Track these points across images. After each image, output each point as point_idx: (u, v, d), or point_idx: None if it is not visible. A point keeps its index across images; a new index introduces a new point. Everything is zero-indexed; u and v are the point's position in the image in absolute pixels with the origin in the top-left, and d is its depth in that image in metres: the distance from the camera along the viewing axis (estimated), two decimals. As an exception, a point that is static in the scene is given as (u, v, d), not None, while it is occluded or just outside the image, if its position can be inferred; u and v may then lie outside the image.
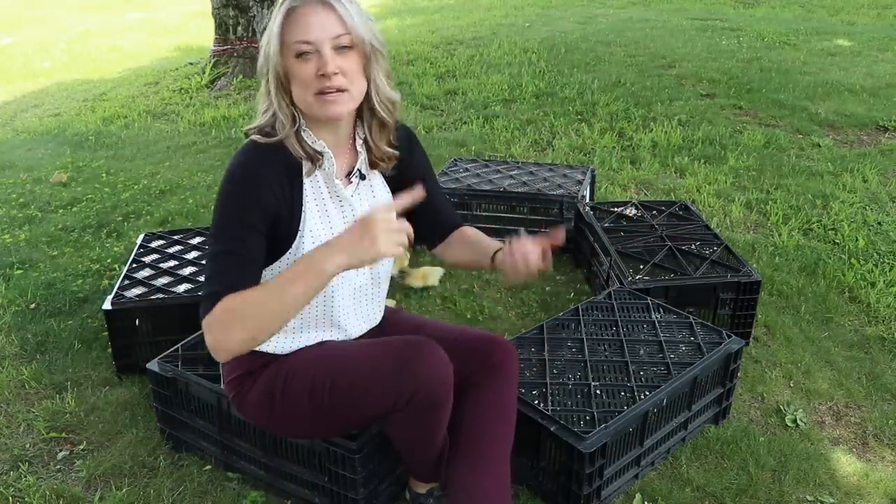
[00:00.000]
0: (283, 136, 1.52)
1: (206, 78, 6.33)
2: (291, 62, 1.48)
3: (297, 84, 1.49)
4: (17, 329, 2.73)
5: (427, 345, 1.55)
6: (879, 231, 3.44)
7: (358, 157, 1.64)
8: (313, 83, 1.47)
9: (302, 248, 1.56)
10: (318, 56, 1.47)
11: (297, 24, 1.46)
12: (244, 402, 1.70)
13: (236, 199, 1.49)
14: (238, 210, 1.48)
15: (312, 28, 1.46)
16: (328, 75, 1.46)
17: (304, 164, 1.56)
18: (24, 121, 6.06)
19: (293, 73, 1.48)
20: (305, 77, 1.47)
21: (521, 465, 1.90)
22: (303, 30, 1.46)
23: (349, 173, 1.64)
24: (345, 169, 1.64)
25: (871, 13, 9.59)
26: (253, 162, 1.52)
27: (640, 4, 10.42)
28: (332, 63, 1.46)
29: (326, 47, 1.46)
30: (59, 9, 12.94)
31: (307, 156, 1.55)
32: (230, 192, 1.50)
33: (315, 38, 1.46)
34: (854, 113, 5.14)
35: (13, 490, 1.98)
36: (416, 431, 1.65)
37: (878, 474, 2.04)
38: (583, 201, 3.18)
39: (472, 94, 5.67)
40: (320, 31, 1.46)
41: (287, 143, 1.53)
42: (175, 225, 3.56)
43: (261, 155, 1.52)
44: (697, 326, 2.23)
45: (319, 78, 1.47)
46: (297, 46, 1.46)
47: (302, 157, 1.55)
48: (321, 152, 1.56)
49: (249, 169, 1.50)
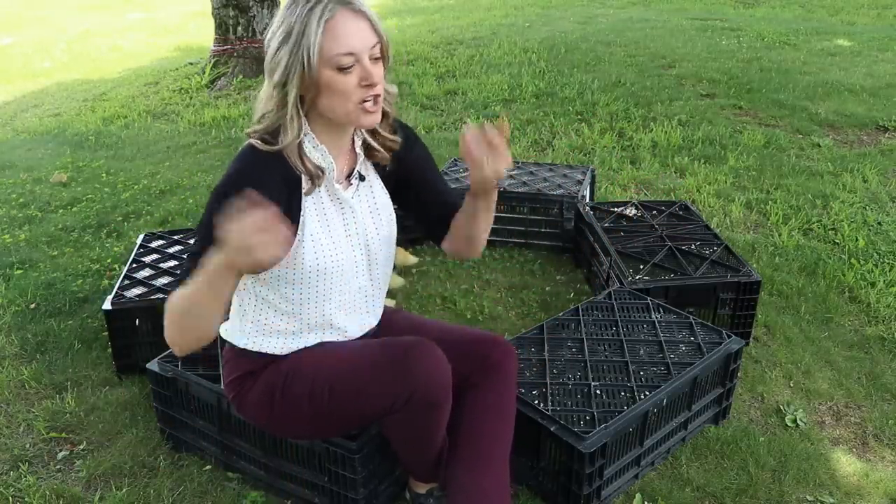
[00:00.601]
0: (283, 147, 1.50)
1: (206, 78, 6.33)
2: (329, 74, 1.45)
3: (334, 95, 1.47)
4: (17, 329, 2.73)
5: (426, 346, 1.55)
6: (879, 231, 3.44)
7: (357, 158, 1.64)
8: (356, 93, 1.47)
9: (302, 254, 1.56)
10: (359, 66, 1.46)
11: (336, 35, 1.44)
12: (244, 403, 1.70)
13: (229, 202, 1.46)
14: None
15: (353, 38, 1.45)
16: (374, 85, 1.47)
17: (303, 177, 1.54)
18: (24, 121, 6.06)
19: (331, 85, 1.46)
20: (348, 88, 1.46)
21: (521, 465, 1.90)
22: (344, 42, 1.44)
23: (349, 175, 1.64)
24: (345, 171, 1.63)
25: (871, 13, 9.59)
26: (251, 167, 1.51)
27: (640, 4, 10.42)
28: (376, 73, 1.47)
29: (366, 57, 1.46)
30: (59, 9, 12.94)
31: (307, 171, 1.53)
32: (224, 195, 1.46)
33: (357, 49, 1.45)
34: (854, 113, 5.14)
35: (13, 490, 1.98)
36: (414, 432, 1.65)
37: (878, 474, 2.04)
38: (583, 201, 3.18)
39: (472, 94, 5.67)
40: (360, 42, 1.45)
41: (286, 154, 1.51)
42: (175, 225, 3.57)
43: (260, 160, 1.51)
44: (697, 326, 2.23)
45: (364, 88, 1.47)
46: (339, 59, 1.44)
47: (301, 173, 1.53)
48: (322, 167, 1.55)
49: (247, 175, 1.49)
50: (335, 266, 1.59)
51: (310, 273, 1.58)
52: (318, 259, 1.57)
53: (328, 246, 1.59)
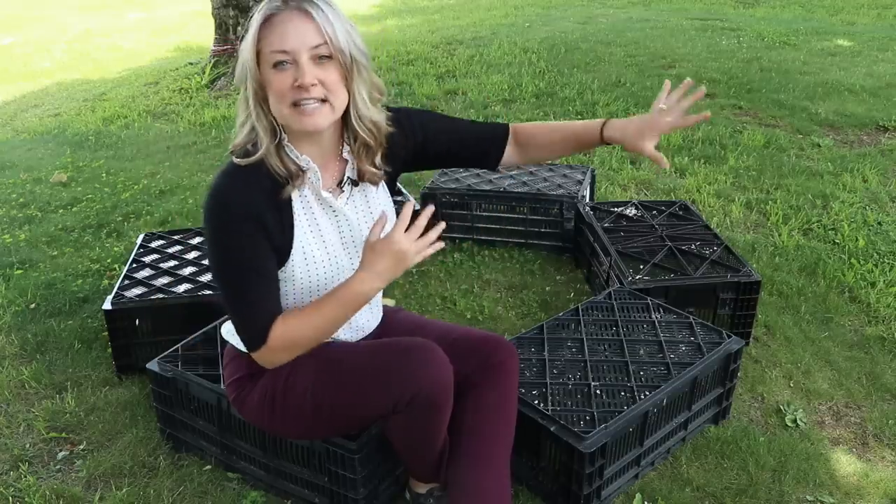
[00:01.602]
0: (264, 154, 1.47)
1: (206, 78, 6.33)
2: (268, 72, 1.43)
3: (273, 95, 1.44)
4: (17, 329, 2.73)
5: (427, 347, 1.55)
6: (879, 231, 3.44)
7: (346, 164, 1.60)
8: (289, 94, 1.42)
9: (293, 266, 1.55)
10: (295, 66, 1.42)
11: (273, 33, 1.41)
12: (245, 404, 1.70)
13: (230, 230, 1.46)
14: (237, 240, 1.46)
15: (289, 37, 1.41)
16: (305, 86, 1.41)
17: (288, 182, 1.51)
18: (24, 121, 6.06)
19: (271, 83, 1.43)
20: (281, 88, 1.42)
21: (521, 465, 1.90)
22: (279, 38, 1.41)
23: (340, 182, 1.61)
24: (335, 178, 1.61)
25: (871, 13, 9.59)
26: (231, 188, 1.47)
27: (640, 4, 10.42)
28: (309, 73, 1.41)
29: (304, 57, 1.41)
30: (59, 9, 12.95)
31: (288, 173, 1.49)
32: (221, 228, 1.46)
33: (292, 48, 1.41)
34: (854, 113, 5.14)
35: (13, 490, 1.98)
36: (415, 433, 1.65)
37: (878, 474, 2.04)
38: (583, 201, 3.18)
39: (472, 94, 5.67)
40: (297, 41, 1.41)
41: (268, 162, 1.48)
42: (175, 225, 3.56)
43: (242, 177, 1.47)
44: (697, 326, 2.23)
45: (296, 89, 1.42)
46: (273, 56, 1.41)
47: (284, 175, 1.49)
48: (304, 168, 1.52)
49: (233, 195, 1.46)
50: (329, 278, 1.59)
51: (302, 287, 1.58)
52: (311, 274, 1.57)
53: (322, 258, 1.58)
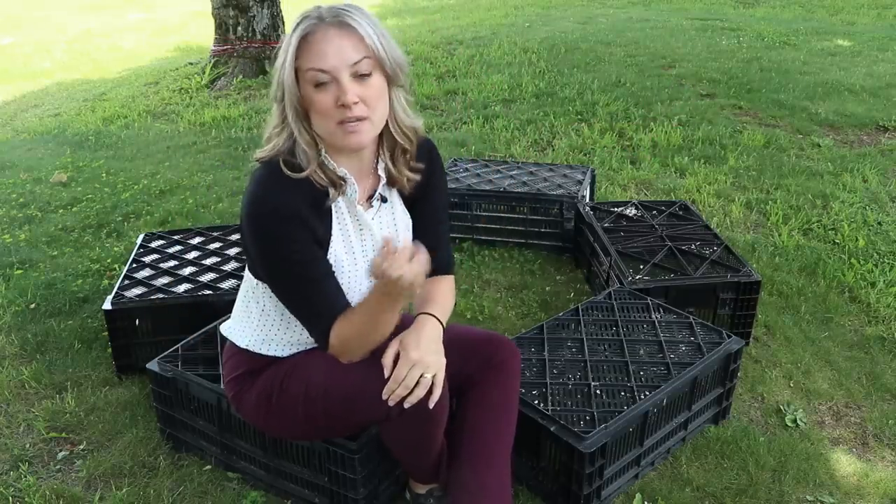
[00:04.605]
0: (309, 171, 1.47)
1: (206, 78, 6.33)
2: (309, 91, 1.42)
3: (316, 114, 1.44)
4: (17, 329, 2.73)
5: None
6: (879, 231, 3.44)
7: (380, 181, 1.60)
8: (334, 113, 1.42)
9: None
10: (336, 84, 1.41)
11: (311, 51, 1.40)
12: (242, 402, 1.70)
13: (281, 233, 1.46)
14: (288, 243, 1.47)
15: (328, 55, 1.39)
16: (348, 104, 1.40)
17: (329, 190, 1.52)
18: (24, 121, 6.06)
19: (313, 103, 1.42)
20: (325, 107, 1.42)
21: (521, 465, 1.90)
22: (319, 57, 1.40)
23: (370, 196, 1.61)
24: (367, 193, 1.61)
25: (871, 13, 9.59)
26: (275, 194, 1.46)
27: (640, 4, 10.42)
28: (351, 92, 1.40)
29: (345, 75, 1.40)
30: (59, 9, 12.94)
31: (330, 182, 1.50)
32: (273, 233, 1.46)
33: (332, 67, 1.40)
34: (854, 113, 5.14)
35: (13, 490, 1.98)
36: (410, 440, 1.65)
37: (878, 474, 2.04)
38: (583, 201, 3.18)
39: (472, 94, 5.67)
40: (337, 58, 1.39)
41: (311, 176, 1.48)
42: (175, 225, 3.56)
43: (286, 184, 1.47)
44: (697, 326, 2.22)
45: (339, 108, 1.41)
46: (313, 75, 1.40)
47: (326, 185, 1.50)
48: (344, 178, 1.53)
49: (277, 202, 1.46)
50: (351, 287, 1.59)
51: None
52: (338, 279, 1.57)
53: (349, 267, 1.58)
